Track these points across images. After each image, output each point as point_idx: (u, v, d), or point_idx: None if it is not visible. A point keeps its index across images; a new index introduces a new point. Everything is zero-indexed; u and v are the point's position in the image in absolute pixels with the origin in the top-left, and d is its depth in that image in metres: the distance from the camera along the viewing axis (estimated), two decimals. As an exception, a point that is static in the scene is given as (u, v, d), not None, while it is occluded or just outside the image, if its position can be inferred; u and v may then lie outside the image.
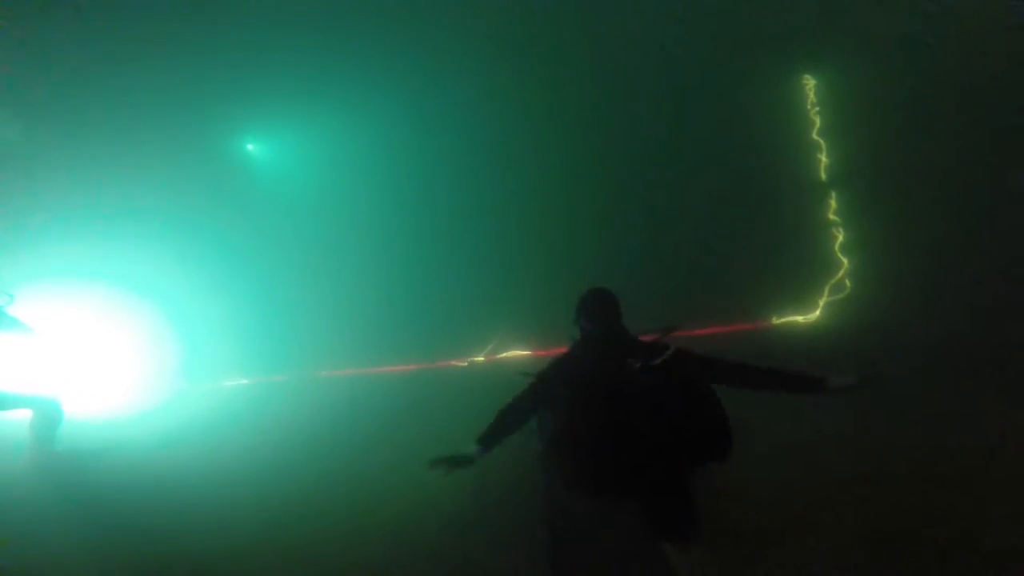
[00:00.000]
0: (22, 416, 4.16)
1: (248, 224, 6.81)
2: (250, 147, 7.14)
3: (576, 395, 2.22)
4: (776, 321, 6.80)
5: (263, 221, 6.85)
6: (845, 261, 6.38)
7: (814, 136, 6.22)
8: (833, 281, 6.50)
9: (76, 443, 4.47)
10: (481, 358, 6.46)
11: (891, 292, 5.76)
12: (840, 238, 6.33)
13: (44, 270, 5.93)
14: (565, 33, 6.61)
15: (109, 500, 3.56)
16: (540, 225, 6.43)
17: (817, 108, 6.21)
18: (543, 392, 2.35)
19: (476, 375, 6.18)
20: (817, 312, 6.68)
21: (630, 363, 2.18)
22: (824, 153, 6.17)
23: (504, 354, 6.43)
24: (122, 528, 3.10)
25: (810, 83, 6.35)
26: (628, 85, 6.65)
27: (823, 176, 6.20)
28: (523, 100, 6.63)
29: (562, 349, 2.61)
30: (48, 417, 4.17)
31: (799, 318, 6.84)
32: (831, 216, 6.26)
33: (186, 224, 6.67)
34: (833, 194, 6.18)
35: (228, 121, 6.86)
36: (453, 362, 6.42)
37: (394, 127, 6.86)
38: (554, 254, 6.33)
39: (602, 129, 6.67)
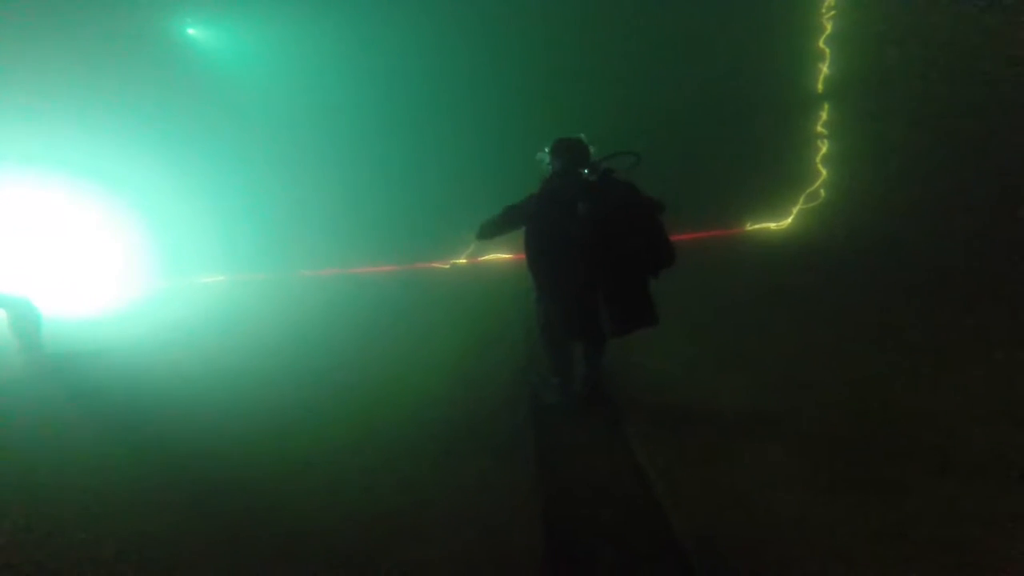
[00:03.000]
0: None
1: (219, 119, 6.25)
2: (191, 32, 6.27)
3: (541, 211, 2.62)
4: (750, 227, 7.09)
5: (233, 116, 6.29)
6: (824, 172, 6.47)
7: (820, 44, 5.87)
8: (809, 190, 6.65)
9: (67, 344, 4.50)
10: (463, 260, 6.56)
11: (857, 202, 5.94)
12: (823, 150, 6.34)
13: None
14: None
15: (112, 399, 3.65)
16: (520, 128, 6.13)
17: (832, 12, 5.73)
18: (513, 216, 2.73)
19: (459, 274, 6.37)
20: (789, 219, 6.94)
21: (587, 185, 2.58)
22: (827, 63, 5.88)
23: (484, 257, 6.56)
24: (127, 426, 3.12)
25: (833, -21, 5.75)
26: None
27: (820, 88, 5.99)
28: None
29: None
30: (26, 318, 4.08)
31: (771, 225, 7.13)
32: (819, 128, 6.20)
33: (151, 116, 6.10)
34: (826, 106, 6.04)
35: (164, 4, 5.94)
36: (435, 264, 6.53)
37: (367, 15, 6.10)
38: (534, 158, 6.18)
39: (590, 27, 6.12)
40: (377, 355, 4.28)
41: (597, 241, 2.51)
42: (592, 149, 2.78)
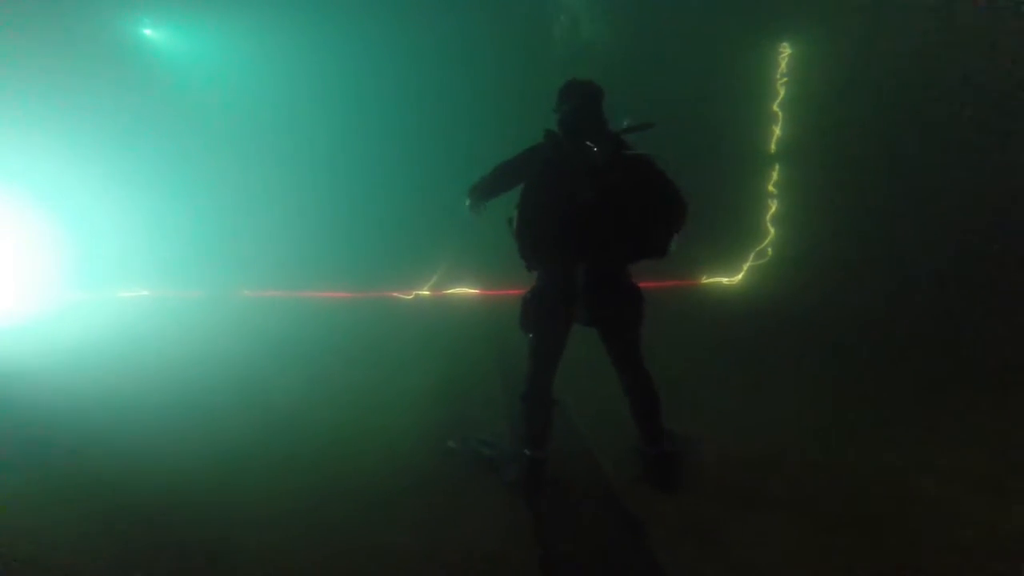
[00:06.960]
0: None
1: (160, 120, 5.77)
2: (148, 32, 5.91)
3: (539, 171, 2.35)
4: (705, 280, 7.36)
5: (176, 118, 5.83)
6: (772, 231, 6.90)
7: (774, 108, 6.44)
8: (758, 248, 7.04)
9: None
10: (426, 292, 6.23)
11: (801, 263, 6.28)
12: (773, 209, 6.79)
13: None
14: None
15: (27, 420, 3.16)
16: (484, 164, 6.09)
17: (785, 79, 6.36)
18: (508, 172, 2.45)
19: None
20: (739, 276, 7.28)
21: (593, 150, 2.29)
22: (779, 126, 6.43)
23: (451, 290, 6.28)
24: (41, 446, 2.80)
25: (786, 51, 6.39)
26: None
27: (772, 148, 6.49)
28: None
29: (513, 291, 2.63)
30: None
31: (724, 279, 7.45)
32: (770, 188, 6.66)
33: (84, 115, 5.53)
34: (777, 167, 6.53)
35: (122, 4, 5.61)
36: (396, 294, 6.15)
37: (337, 26, 5.93)
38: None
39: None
40: (331, 391, 3.76)
41: (596, 211, 2.26)
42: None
